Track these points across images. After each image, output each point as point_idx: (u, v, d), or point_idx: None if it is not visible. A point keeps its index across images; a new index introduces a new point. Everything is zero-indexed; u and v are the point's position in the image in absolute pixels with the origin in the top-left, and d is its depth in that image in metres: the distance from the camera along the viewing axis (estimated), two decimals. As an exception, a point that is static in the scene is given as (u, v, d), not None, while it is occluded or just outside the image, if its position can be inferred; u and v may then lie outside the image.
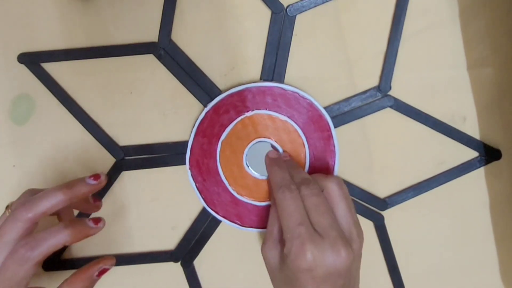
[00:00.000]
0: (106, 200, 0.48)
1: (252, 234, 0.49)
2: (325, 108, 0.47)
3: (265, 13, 0.47)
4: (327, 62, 0.48)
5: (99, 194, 0.48)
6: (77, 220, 0.39)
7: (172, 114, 0.48)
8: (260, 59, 0.47)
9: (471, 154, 0.49)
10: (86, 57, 0.47)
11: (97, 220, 0.40)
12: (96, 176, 0.40)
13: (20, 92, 0.48)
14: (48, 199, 0.37)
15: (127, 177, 0.49)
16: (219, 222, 0.49)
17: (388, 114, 0.48)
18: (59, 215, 0.42)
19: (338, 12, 0.47)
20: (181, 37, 0.47)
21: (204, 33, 0.47)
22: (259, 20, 0.47)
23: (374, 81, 0.48)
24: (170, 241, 0.49)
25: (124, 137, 0.48)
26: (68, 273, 0.48)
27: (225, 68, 0.48)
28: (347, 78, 0.48)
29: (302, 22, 0.47)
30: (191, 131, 0.47)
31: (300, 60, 0.47)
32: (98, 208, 0.45)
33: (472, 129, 0.49)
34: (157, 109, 0.48)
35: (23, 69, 0.47)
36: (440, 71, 0.48)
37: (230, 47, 0.47)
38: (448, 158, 0.49)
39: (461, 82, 0.48)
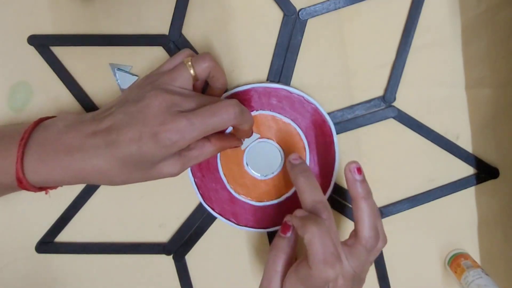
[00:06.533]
0: (104, 188, 0.49)
1: (246, 234, 0.49)
2: (328, 114, 0.47)
3: (276, 16, 0.47)
4: (332, 69, 0.48)
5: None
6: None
7: (176, 108, 0.48)
8: (267, 61, 0.48)
9: (466, 171, 0.50)
10: (96, 44, 0.47)
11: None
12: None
13: (21, 79, 0.48)
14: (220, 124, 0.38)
15: (126, 166, 0.49)
16: (214, 218, 0.49)
17: (390, 125, 0.49)
18: None
19: (346, 21, 0.47)
20: (191, 32, 0.47)
21: (213, 31, 0.47)
22: (269, 22, 0.47)
23: (376, 93, 0.48)
24: (163, 234, 0.50)
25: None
26: (60, 256, 0.49)
27: (232, 66, 0.48)
28: (350, 87, 0.48)
29: (311, 28, 0.47)
30: (194, 126, 0.47)
31: (307, 64, 0.48)
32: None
33: (465, 148, 0.49)
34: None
35: (28, 55, 0.47)
36: (438, 88, 0.48)
37: (238, 46, 0.48)
38: (444, 172, 0.50)
39: (457, 101, 0.49)
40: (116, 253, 0.49)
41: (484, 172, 0.49)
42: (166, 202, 0.49)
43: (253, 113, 0.47)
